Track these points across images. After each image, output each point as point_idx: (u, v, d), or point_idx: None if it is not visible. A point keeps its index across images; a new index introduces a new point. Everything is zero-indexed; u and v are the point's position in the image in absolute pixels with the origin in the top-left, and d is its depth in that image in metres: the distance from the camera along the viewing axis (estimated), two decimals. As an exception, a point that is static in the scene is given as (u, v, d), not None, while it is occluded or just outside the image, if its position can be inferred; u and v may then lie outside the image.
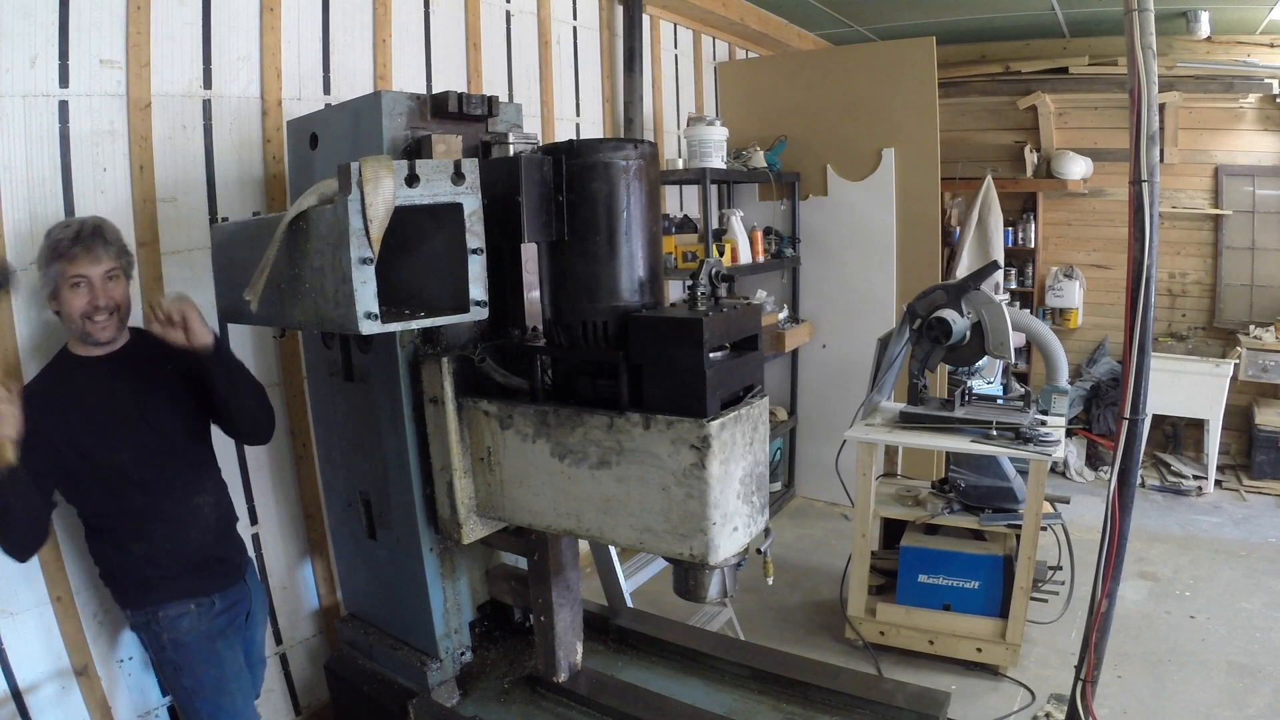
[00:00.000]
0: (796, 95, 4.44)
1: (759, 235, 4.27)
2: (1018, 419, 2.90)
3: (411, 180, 1.41)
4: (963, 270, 5.00)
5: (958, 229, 5.43)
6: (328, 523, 2.46)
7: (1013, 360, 3.11)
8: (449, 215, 1.48)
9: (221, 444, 2.30)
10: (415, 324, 1.49)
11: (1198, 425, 4.97)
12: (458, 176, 1.46)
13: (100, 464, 1.73)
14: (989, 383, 3.43)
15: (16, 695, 1.87)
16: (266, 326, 1.99)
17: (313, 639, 2.57)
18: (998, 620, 2.93)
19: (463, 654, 2.05)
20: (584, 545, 2.69)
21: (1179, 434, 5.20)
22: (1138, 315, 1.94)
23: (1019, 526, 2.85)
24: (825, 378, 4.59)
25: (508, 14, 3.22)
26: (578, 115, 3.66)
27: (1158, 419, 4.90)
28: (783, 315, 4.45)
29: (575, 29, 3.61)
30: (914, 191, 4.24)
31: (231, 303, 1.87)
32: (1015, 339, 2.98)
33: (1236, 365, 4.79)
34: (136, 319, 1.86)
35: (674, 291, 3.85)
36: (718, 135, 3.82)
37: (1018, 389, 3.29)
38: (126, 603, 1.86)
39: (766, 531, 1.67)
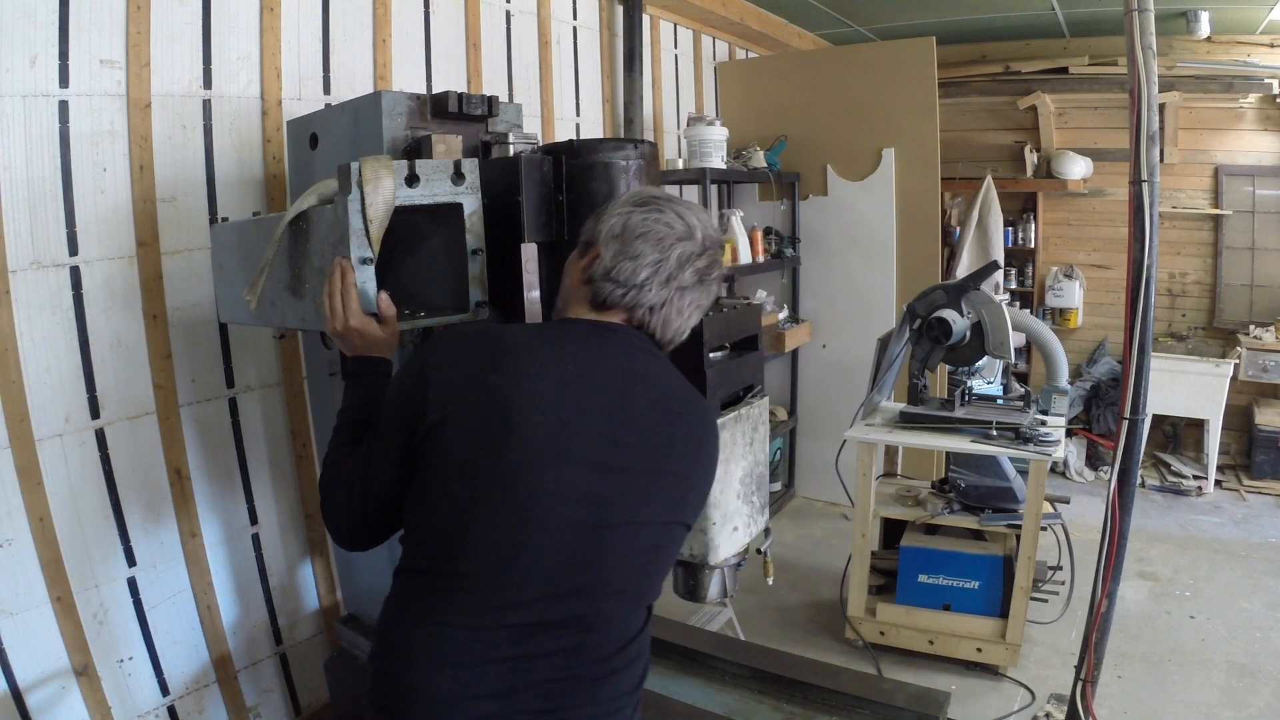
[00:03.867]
0: (796, 95, 4.44)
1: (759, 235, 4.27)
2: (1018, 419, 2.90)
3: (411, 180, 1.41)
4: (963, 270, 5.00)
5: (958, 229, 5.43)
6: (328, 523, 2.47)
7: (1013, 360, 3.11)
8: (449, 215, 1.48)
9: (220, 440, 2.32)
10: (415, 324, 1.49)
11: (1198, 425, 4.96)
12: (458, 176, 1.46)
13: None
14: (989, 383, 3.43)
15: (16, 695, 1.87)
16: (266, 326, 1.99)
17: (313, 639, 2.57)
18: (998, 620, 2.93)
19: (463, 654, 2.05)
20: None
21: (1179, 434, 5.20)
22: (1138, 315, 1.95)
23: (1019, 526, 2.85)
24: (825, 378, 4.59)
25: (508, 14, 3.22)
26: (578, 115, 3.66)
27: (1158, 419, 4.90)
28: (783, 315, 4.44)
29: (575, 29, 3.61)
30: (914, 191, 4.23)
31: (231, 303, 1.87)
32: (1015, 339, 2.98)
33: (1236, 365, 4.79)
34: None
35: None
36: (718, 135, 3.82)
37: (1018, 389, 3.29)
38: None
39: (766, 531, 1.67)
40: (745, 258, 4.11)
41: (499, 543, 1.08)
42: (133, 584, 2.11)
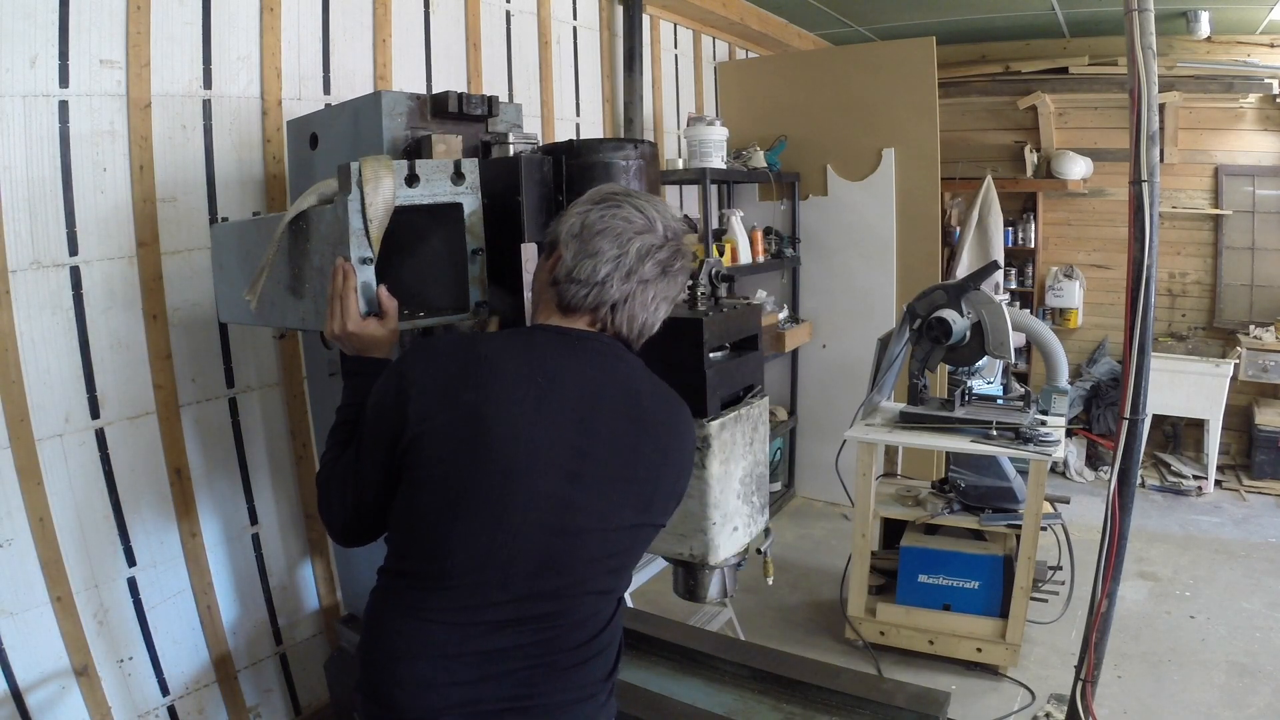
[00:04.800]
0: (796, 95, 4.44)
1: (759, 235, 4.27)
2: (1018, 419, 2.90)
3: (411, 180, 1.41)
4: (963, 270, 5.00)
5: (958, 229, 5.43)
6: (328, 523, 2.47)
7: (1013, 360, 3.11)
8: (449, 215, 1.48)
9: (220, 440, 2.32)
10: (415, 324, 1.49)
11: (1198, 425, 4.96)
12: (458, 176, 1.46)
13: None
14: (989, 383, 3.43)
15: (16, 695, 1.87)
16: (266, 326, 1.99)
17: (313, 639, 2.57)
18: (998, 620, 2.93)
19: (463, 654, 2.05)
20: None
21: (1179, 434, 5.20)
22: (1138, 315, 1.94)
23: (1019, 526, 2.85)
24: (825, 378, 4.59)
25: (508, 14, 3.22)
26: (578, 115, 3.66)
27: (1158, 419, 4.90)
28: (783, 315, 4.44)
29: (575, 29, 3.61)
30: (914, 191, 4.23)
31: (231, 303, 1.87)
32: (1015, 339, 2.98)
33: (1236, 365, 4.79)
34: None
35: (674, 291, 3.83)
36: (718, 135, 3.82)
37: (1018, 389, 3.29)
38: None
39: (766, 531, 1.67)
40: (745, 258, 4.11)
41: (476, 549, 1.12)
42: (133, 584, 2.11)
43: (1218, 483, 4.87)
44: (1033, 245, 5.63)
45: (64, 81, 1.92)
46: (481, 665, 1.14)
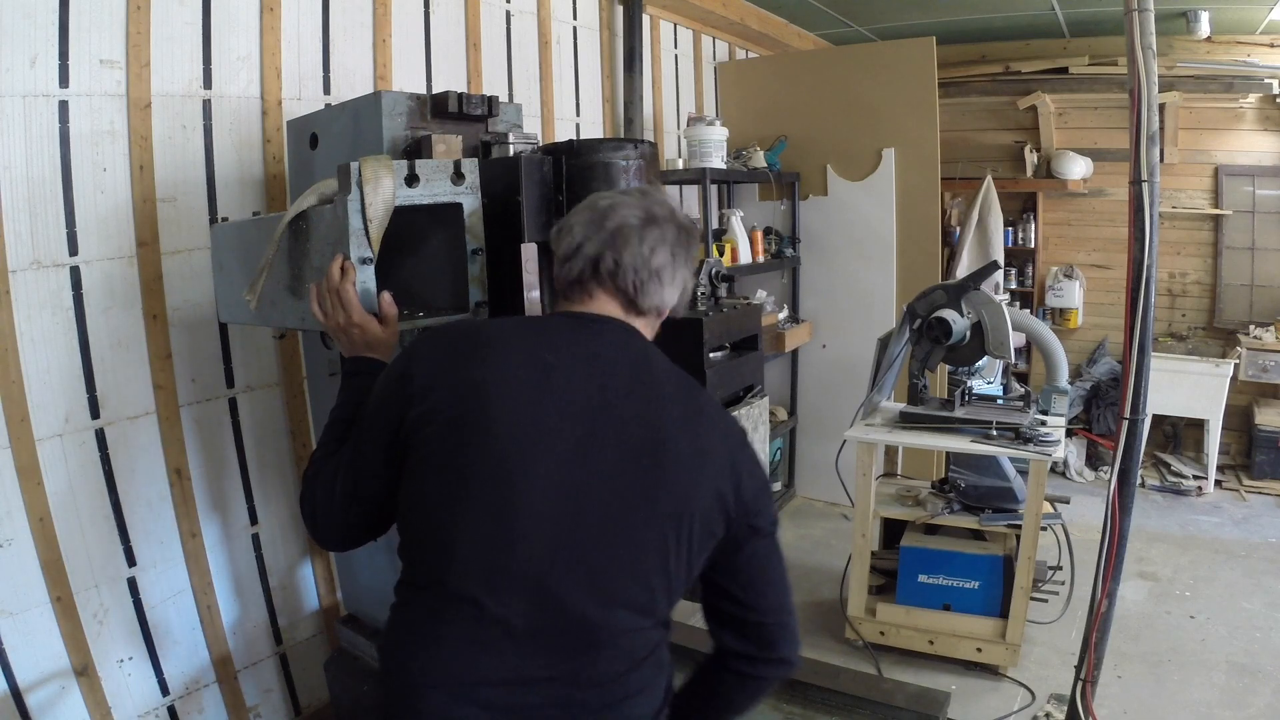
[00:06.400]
0: (796, 95, 4.44)
1: (759, 235, 4.27)
2: (1018, 419, 2.90)
3: (411, 180, 1.41)
4: (963, 270, 5.00)
5: (958, 229, 5.43)
6: (328, 523, 2.46)
7: (1013, 360, 3.11)
8: (449, 215, 1.48)
9: (220, 440, 2.32)
10: (415, 324, 1.49)
11: (1198, 425, 4.96)
12: (458, 176, 1.46)
13: None
14: (989, 383, 3.43)
15: (16, 695, 1.87)
16: (266, 326, 1.99)
17: (313, 639, 2.58)
18: (998, 620, 2.93)
19: (463, 654, 2.05)
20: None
21: (1179, 434, 5.20)
22: (1138, 315, 1.95)
23: (1019, 526, 2.85)
24: (825, 378, 4.59)
25: (508, 14, 3.23)
26: (578, 115, 3.66)
27: (1158, 419, 4.89)
28: (783, 315, 4.44)
29: (575, 29, 3.61)
30: (914, 191, 4.23)
31: (231, 303, 1.87)
32: (1015, 339, 2.98)
33: (1236, 365, 4.79)
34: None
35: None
36: (718, 135, 3.82)
37: (1018, 389, 3.29)
38: None
39: (766, 531, 1.67)
40: (745, 258, 4.11)
41: (482, 531, 1.06)
42: (133, 584, 2.11)
43: (1218, 483, 4.87)
44: (1033, 245, 5.62)
45: (64, 81, 1.92)
46: (504, 696, 1.04)
